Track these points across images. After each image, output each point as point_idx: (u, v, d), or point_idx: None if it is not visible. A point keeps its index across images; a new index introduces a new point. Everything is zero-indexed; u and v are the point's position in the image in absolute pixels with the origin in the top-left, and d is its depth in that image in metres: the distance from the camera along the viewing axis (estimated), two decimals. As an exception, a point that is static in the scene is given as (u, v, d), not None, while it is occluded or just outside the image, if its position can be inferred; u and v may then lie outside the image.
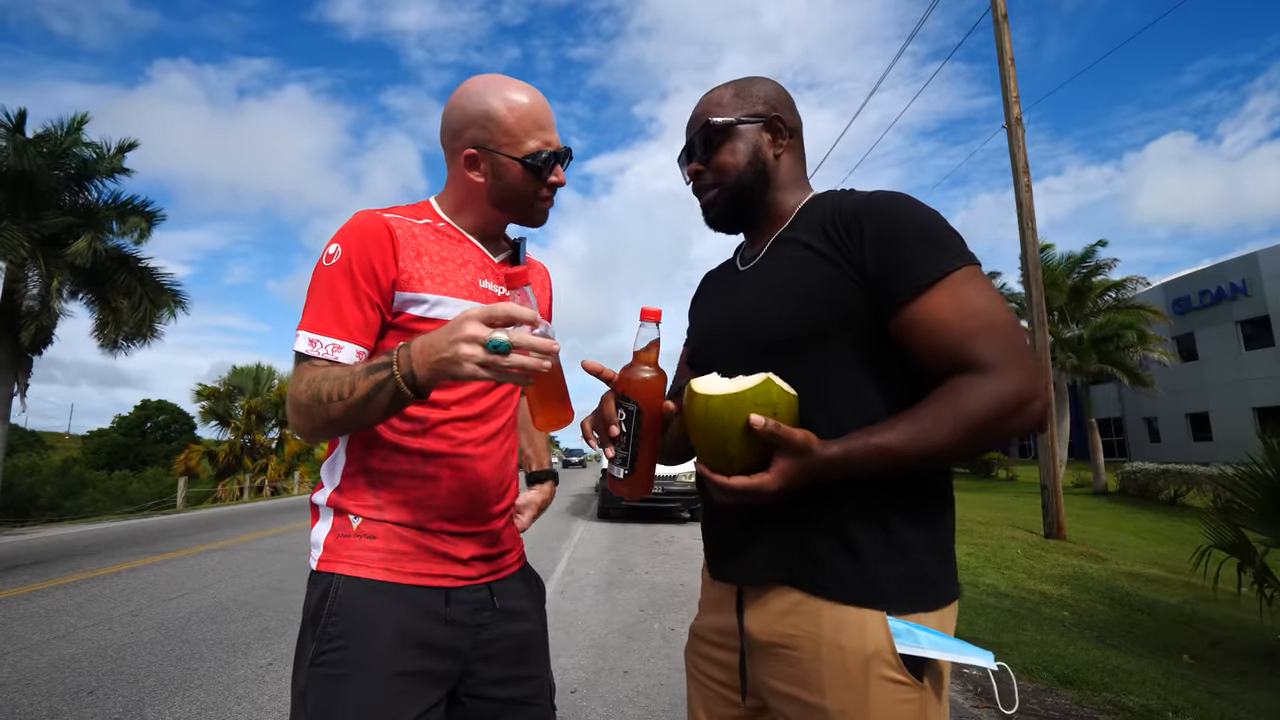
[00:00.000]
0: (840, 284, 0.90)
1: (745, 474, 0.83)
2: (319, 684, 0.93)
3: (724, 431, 0.82)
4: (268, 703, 3.05)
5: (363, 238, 1.00)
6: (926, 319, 0.84)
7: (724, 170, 1.04)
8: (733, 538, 0.98)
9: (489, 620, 1.06)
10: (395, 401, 0.88)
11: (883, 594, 0.85)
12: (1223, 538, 4.58)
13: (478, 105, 1.06)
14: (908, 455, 0.80)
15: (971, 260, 0.86)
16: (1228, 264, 25.06)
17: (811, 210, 1.00)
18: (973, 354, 0.81)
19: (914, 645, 0.82)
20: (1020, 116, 9.47)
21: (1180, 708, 3.05)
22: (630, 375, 0.89)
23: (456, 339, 0.81)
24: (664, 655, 3.86)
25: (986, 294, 0.84)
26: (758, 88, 1.06)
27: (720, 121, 1.04)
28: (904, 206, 0.90)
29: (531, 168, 1.07)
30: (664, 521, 10.84)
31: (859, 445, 0.81)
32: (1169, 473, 16.77)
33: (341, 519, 1.02)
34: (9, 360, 12.89)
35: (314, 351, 0.96)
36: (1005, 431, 0.79)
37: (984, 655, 0.83)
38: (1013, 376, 0.79)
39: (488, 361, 0.80)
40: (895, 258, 0.86)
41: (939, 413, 0.80)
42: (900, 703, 0.83)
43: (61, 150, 13.12)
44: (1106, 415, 30.57)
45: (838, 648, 0.84)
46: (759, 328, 0.96)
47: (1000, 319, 0.83)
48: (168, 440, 45.38)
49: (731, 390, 0.82)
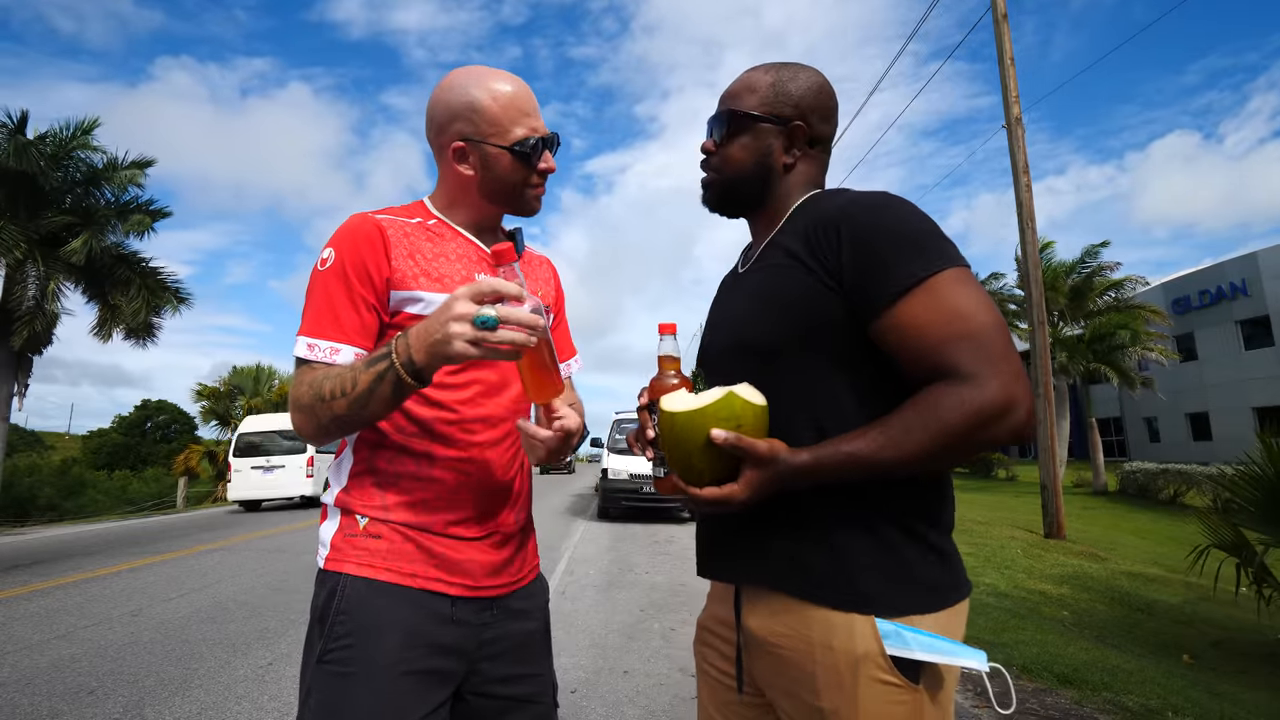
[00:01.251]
0: (817, 292, 0.89)
1: (716, 484, 0.84)
2: (325, 681, 0.93)
3: (688, 446, 0.84)
4: (268, 703, 3.05)
5: (355, 240, 1.00)
6: (903, 326, 0.82)
7: (729, 162, 1.04)
8: (723, 537, 0.99)
9: (493, 619, 1.06)
10: (397, 391, 0.89)
11: (870, 598, 0.84)
12: (1222, 537, 4.59)
13: (461, 98, 1.05)
14: (878, 463, 0.79)
15: (955, 263, 0.83)
16: (1227, 264, 25.06)
17: (803, 213, 0.99)
18: (949, 361, 0.79)
19: (902, 647, 0.81)
20: (1020, 116, 9.47)
21: (1180, 707, 3.05)
22: (658, 383, 0.97)
23: (446, 319, 0.82)
24: (664, 655, 3.87)
25: (969, 298, 0.81)
26: (797, 85, 1.02)
27: (741, 112, 1.02)
28: (882, 210, 0.88)
29: (520, 155, 1.06)
30: (664, 521, 10.84)
31: (829, 453, 0.81)
32: (1169, 472, 16.78)
33: (349, 519, 1.02)
34: (8, 360, 12.88)
35: (312, 355, 0.97)
36: (983, 441, 0.77)
37: (977, 656, 0.82)
38: (991, 385, 0.76)
39: (476, 338, 0.81)
40: (870, 264, 0.84)
41: (911, 421, 0.78)
42: (892, 704, 0.82)
43: (65, 152, 13.13)
44: (1106, 415, 30.56)
45: (828, 648, 0.84)
46: (746, 335, 0.97)
47: (981, 324, 0.80)
48: (168, 440, 45.36)
49: (693, 406, 0.84)
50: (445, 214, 1.13)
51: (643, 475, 10.63)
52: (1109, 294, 18.64)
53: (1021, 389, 0.77)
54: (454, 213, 1.13)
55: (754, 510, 0.89)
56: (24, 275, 12.51)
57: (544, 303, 1.22)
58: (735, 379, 0.93)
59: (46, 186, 12.83)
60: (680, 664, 3.71)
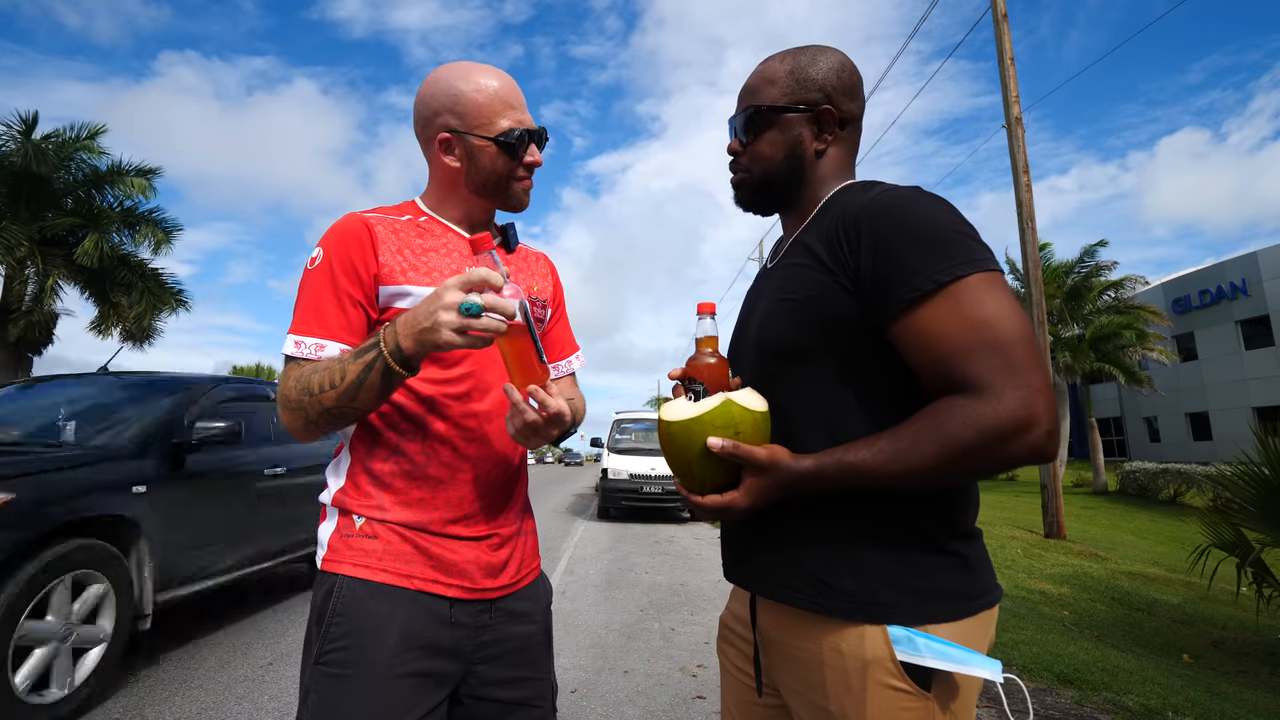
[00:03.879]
0: (834, 295, 0.86)
1: (717, 491, 0.84)
2: (322, 682, 0.93)
3: (686, 455, 0.84)
4: (268, 703, 3.05)
5: (343, 238, 1.01)
6: (921, 332, 0.78)
7: (758, 159, 1.01)
8: (741, 543, 0.98)
9: (492, 622, 1.05)
10: (386, 380, 0.89)
11: (886, 608, 0.82)
12: (1221, 537, 4.59)
13: (446, 90, 1.06)
14: (882, 475, 0.76)
15: (984, 267, 0.78)
16: (1227, 263, 25.05)
17: (829, 209, 0.94)
18: (965, 372, 0.75)
19: (913, 653, 0.79)
20: (1020, 116, 9.47)
21: (1180, 707, 3.04)
22: (695, 361, 0.97)
23: (435, 307, 0.83)
24: (664, 655, 3.86)
25: (994, 305, 0.76)
26: (817, 68, 0.97)
27: (765, 106, 0.99)
28: (907, 208, 0.83)
29: (505, 145, 1.07)
30: (664, 521, 10.84)
31: (832, 461, 0.79)
32: (1168, 472, 16.79)
33: (346, 519, 1.02)
34: (7, 360, 12.88)
35: (299, 352, 0.97)
36: (997, 460, 0.73)
37: (991, 665, 0.79)
38: (1008, 400, 0.72)
39: (462, 326, 0.82)
40: (890, 265, 0.80)
41: (921, 434, 0.75)
42: (901, 711, 0.80)
43: (68, 153, 13.14)
44: (1106, 415, 30.58)
45: (837, 652, 0.83)
46: (765, 335, 0.95)
47: (1005, 334, 0.75)
48: (167, 440, 45.27)
49: (689, 415, 0.84)
50: (436, 211, 1.13)
51: (643, 475, 10.63)
52: (1107, 294, 18.64)
53: (1043, 405, 0.72)
54: (444, 209, 1.13)
55: (769, 517, 0.88)
56: (24, 275, 12.53)
57: (542, 298, 1.22)
58: (756, 378, 0.91)
59: (51, 187, 12.85)
60: (680, 664, 3.71)
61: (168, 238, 14.15)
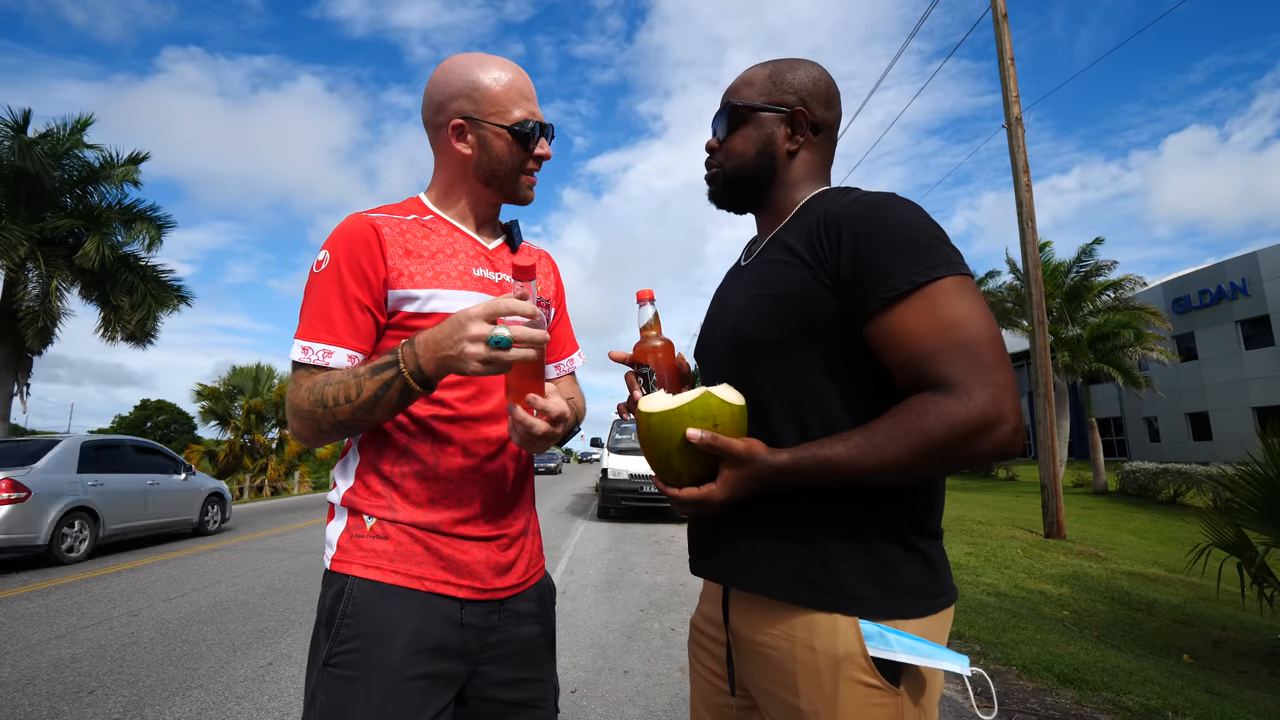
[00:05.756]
0: (814, 291, 0.88)
1: (695, 484, 0.85)
2: (331, 685, 0.93)
3: (665, 446, 0.85)
4: (268, 703, 3.05)
5: (350, 241, 1.01)
6: (896, 331, 0.81)
7: (731, 155, 1.04)
8: (712, 537, 0.99)
9: (500, 623, 1.06)
10: (404, 398, 0.91)
11: (857, 600, 0.84)
12: (1223, 537, 4.58)
13: (463, 77, 1.07)
14: (856, 470, 0.78)
15: (956, 270, 0.81)
16: (1227, 263, 25.03)
17: (808, 210, 0.97)
18: (937, 371, 0.77)
19: (885, 648, 0.81)
20: (1020, 116, 9.47)
21: (1180, 707, 3.04)
22: (641, 346, 1.02)
23: (461, 338, 0.84)
24: (664, 655, 3.87)
25: (965, 307, 0.79)
26: (794, 75, 1.02)
27: (741, 104, 1.03)
28: (886, 212, 0.86)
29: (519, 135, 1.08)
30: (664, 521, 10.84)
31: (808, 455, 0.81)
32: (1169, 472, 16.76)
33: (356, 519, 1.02)
34: (9, 360, 12.87)
35: (306, 359, 0.97)
36: (966, 455, 0.76)
37: (959, 660, 0.82)
38: (977, 397, 0.75)
39: (491, 358, 0.84)
40: (868, 267, 0.83)
41: (894, 429, 0.77)
42: (872, 706, 0.82)
43: (63, 151, 13.10)
44: (1106, 415, 30.56)
45: (810, 648, 0.84)
46: (741, 329, 0.97)
47: (974, 334, 0.78)
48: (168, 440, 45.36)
49: (669, 407, 0.84)
50: (440, 207, 1.13)
51: (643, 475, 10.64)
52: (1107, 294, 18.62)
53: (1009, 403, 0.75)
54: (449, 204, 1.13)
55: (741, 510, 0.89)
56: (25, 275, 12.52)
57: (545, 297, 1.22)
58: (729, 372, 0.92)
59: (47, 187, 12.82)
60: (680, 664, 3.71)
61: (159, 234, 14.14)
